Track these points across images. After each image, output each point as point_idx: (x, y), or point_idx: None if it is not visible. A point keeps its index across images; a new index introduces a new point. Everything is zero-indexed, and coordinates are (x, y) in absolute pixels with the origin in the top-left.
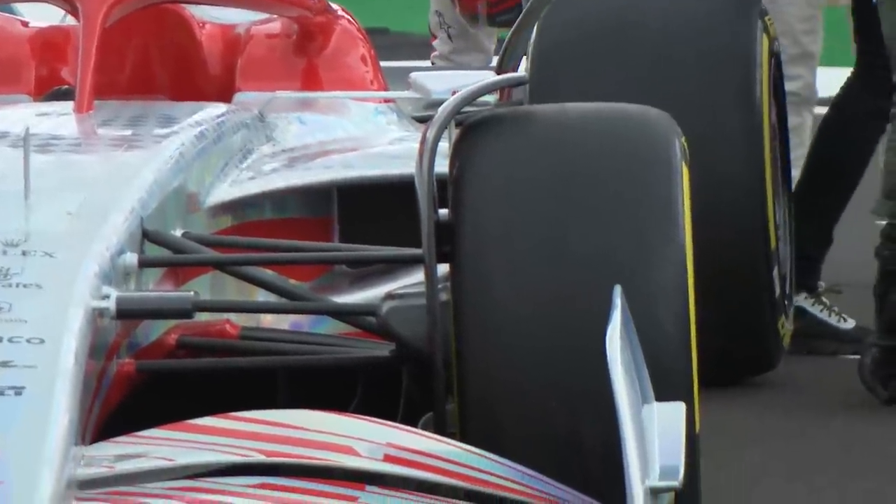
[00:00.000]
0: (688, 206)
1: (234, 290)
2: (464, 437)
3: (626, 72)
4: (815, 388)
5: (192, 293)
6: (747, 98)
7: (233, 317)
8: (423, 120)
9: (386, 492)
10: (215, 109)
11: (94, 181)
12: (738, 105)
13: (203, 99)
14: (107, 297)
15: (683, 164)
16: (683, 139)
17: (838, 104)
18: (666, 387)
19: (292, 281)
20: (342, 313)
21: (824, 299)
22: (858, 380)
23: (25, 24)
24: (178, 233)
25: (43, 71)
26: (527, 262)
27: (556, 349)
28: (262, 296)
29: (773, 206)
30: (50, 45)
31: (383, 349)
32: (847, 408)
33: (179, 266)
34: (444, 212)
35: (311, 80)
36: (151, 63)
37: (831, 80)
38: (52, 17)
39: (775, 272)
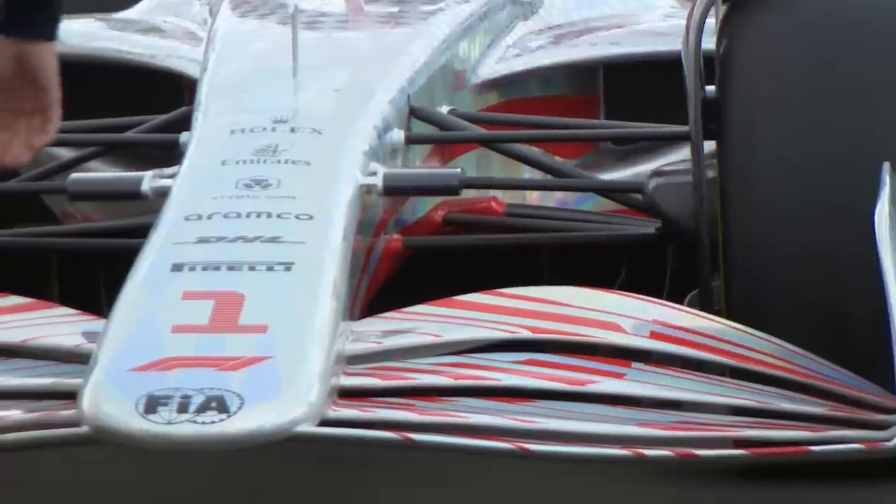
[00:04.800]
0: None
1: (499, 166)
2: (729, 315)
3: None
4: None
5: (458, 170)
6: None
7: (498, 194)
8: None
9: (652, 368)
10: None
11: (361, 58)
12: None
13: None
14: (374, 173)
15: None
16: None
17: None
18: None
19: (557, 158)
20: (608, 190)
21: None
22: None
23: None
24: (444, 110)
25: None
26: (793, 139)
27: (823, 226)
28: (527, 173)
29: None
30: None
31: (649, 226)
32: None
33: (446, 143)
34: (710, 89)
35: None
36: None
37: None
38: None
39: None
